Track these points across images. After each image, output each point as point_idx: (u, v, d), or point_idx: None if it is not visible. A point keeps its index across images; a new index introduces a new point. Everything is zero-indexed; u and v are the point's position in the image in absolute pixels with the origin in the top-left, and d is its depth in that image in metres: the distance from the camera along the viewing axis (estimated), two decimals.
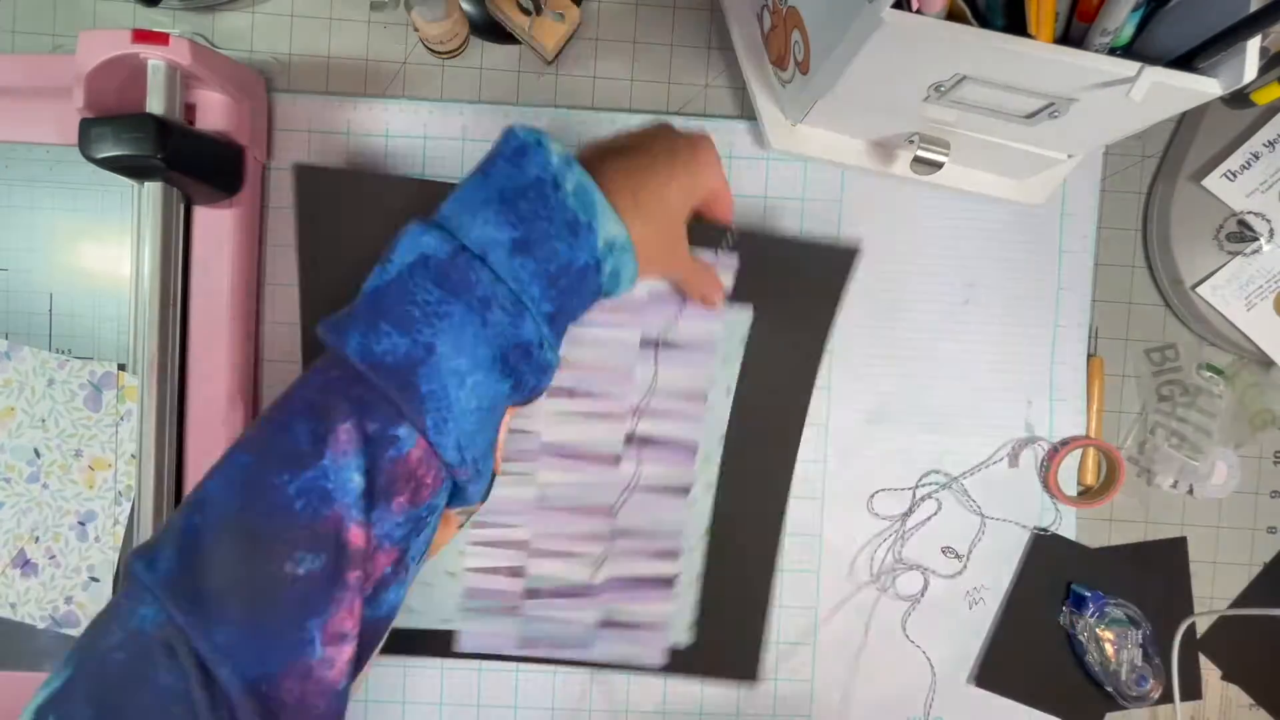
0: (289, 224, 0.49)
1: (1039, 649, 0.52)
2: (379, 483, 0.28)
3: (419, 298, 0.29)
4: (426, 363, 0.29)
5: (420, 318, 0.29)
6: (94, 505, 0.48)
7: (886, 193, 0.51)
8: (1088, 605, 0.50)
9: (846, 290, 0.46)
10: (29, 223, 0.49)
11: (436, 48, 0.47)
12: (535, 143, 0.31)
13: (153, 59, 0.40)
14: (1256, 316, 0.50)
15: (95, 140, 0.38)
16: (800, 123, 0.48)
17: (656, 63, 0.51)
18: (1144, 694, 0.50)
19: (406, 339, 0.29)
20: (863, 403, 0.51)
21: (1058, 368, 0.52)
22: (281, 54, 0.49)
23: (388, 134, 0.50)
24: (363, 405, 0.28)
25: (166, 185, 0.42)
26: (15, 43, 0.49)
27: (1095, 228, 0.52)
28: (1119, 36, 0.36)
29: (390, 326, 0.29)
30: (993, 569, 0.52)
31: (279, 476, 0.27)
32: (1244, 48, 0.33)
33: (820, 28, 0.38)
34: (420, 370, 0.28)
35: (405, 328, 0.29)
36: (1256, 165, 0.49)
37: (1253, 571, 0.53)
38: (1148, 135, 0.52)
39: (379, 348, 0.29)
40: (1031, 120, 0.40)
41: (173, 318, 0.43)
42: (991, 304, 0.52)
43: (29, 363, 0.48)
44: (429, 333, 0.29)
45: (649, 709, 0.50)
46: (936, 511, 0.52)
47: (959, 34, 0.33)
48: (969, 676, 0.52)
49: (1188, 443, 0.52)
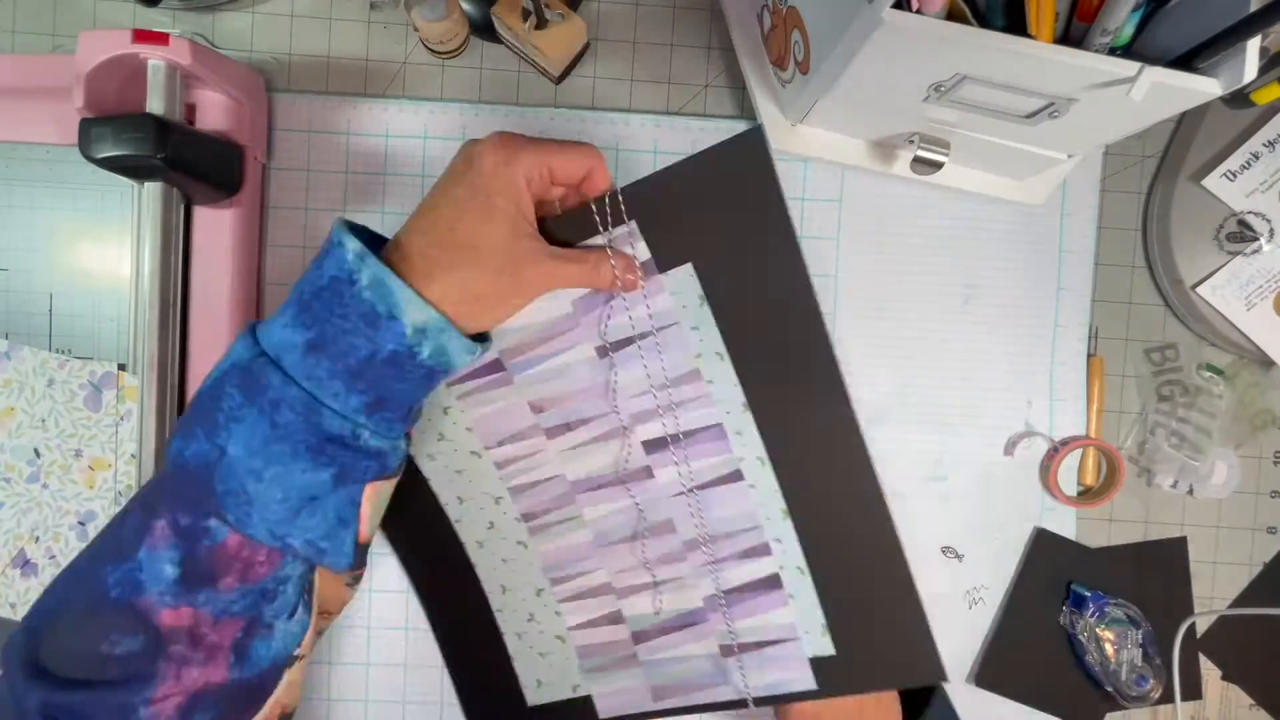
0: (289, 224, 0.49)
1: (1039, 649, 0.52)
2: (199, 569, 0.32)
3: (224, 403, 0.32)
4: (220, 464, 0.32)
5: (222, 422, 0.32)
6: (94, 505, 0.48)
7: (886, 193, 0.51)
8: (1088, 605, 0.50)
9: (776, 176, 0.36)
10: (29, 223, 0.49)
11: (436, 48, 0.47)
12: (337, 242, 0.32)
13: (153, 59, 0.40)
14: (1256, 316, 0.50)
15: (95, 140, 0.38)
16: (800, 123, 0.48)
17: (656, 63, 0.51)
18: (1144, 694, 0.50)
19: (207, 443, 0.32)
20: (863, 403, 0.51)
21: (1058, 368, 0.52)
22: (281, 54, 0.49)
23: (388, 134, 0.50)
24: (178, 500, 0.32)
25: (166, 185, 0.42)
26: (15, 43, 0.49)
27: (1095, 228, 0.52)
28: (1119, 36, 0.36)
29: (199, 429, 0.32)
30: (993, 569, 0.52)
31: (103, 568, 0.32)
32: (1244, 48, 0.33)
33: (820, 28, 0.38)
34: (215, 471, 0.32)
35: (209, 431, 0.32)
36: (1256, 165, 0.49)
37: (1253, 571, 0.53)
38: (1148, 135, 0.52)
39: (187, 451, 0.32)
40: (1031, 120, 0.40)
41: (173, 318, 0.43)
42: (991, 304, 0.52)
43: (29, 363, 0.48)
44: (224, 436, 0.32)
45: None
46: (936, 511, 0.52)
47: (959, 34, 0.33)
48: (969, 676, 0.52)
49: (1188, 443, 0.52)
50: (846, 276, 0.51)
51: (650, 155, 0.50)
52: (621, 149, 0.50)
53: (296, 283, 0.33)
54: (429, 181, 0.49)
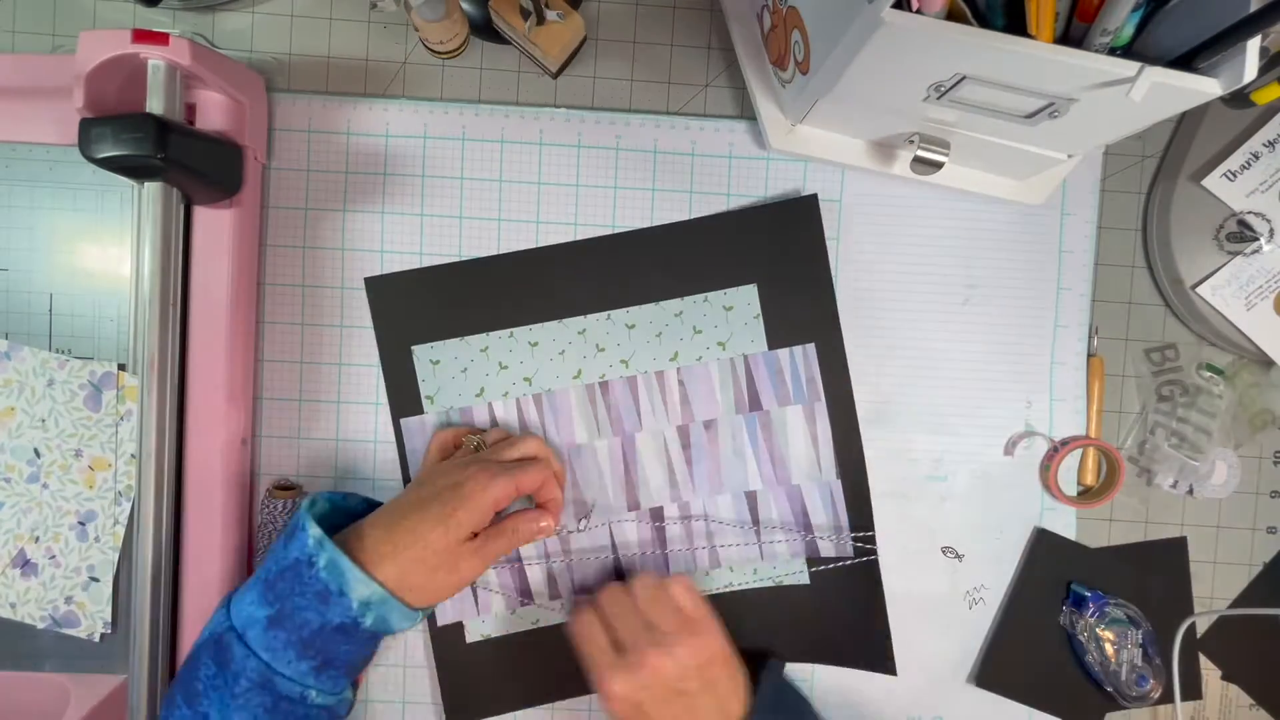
0: (289, 224, 0.49)
1: (1039, 649, 0.52)
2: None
3: (201, 672, 0.39)
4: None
5: (200, 690, 0.38)
6: (94, 505, 0.48)
7: (886, 193, 0.51)
8: (1088, 605, 0.50)
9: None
10: (29, 223, 0.49)
11: (436, 48, 0.47)
12: (301, 527, 0.39)
13: (153, 59, 0.40)
14: (1256, 316, 0.50)
15: (95, 140, 0.38)
16: (800, 123, 0.48)
17: (656, 63, 0.51)
18: (1144, 694, 0.50)
19: (189, 709, 0.39)
20: (863, 403, 0.51)
21: (1058, 368, 0.52)
22: (281, 54, 0.49)
23: (388, 134, 0.50)
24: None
25: (166, 185, 0.42)
26: (15, 43, 0.49)
27: (1095, 228, 0.52)
28: (1119, 36, 0.36)
29: (181, 698, 0.39)
30: (993, 569, 0.52)
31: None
32: (1244, 48, 0.33)
33: (820, 28, 0.38)
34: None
35: (189, 699, 0.39)
36: (1256, 165, 0.49)
37: (1253, 571, 0.53)
38: (1148, 135, 0.52)
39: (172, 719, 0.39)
40: (1031, 120, 0.40)
41: (173, 318, 0.43)
42: (991, 304, 0.52)
43: (29, 363, 0.48)
44: (205, 704, 0.38)
45: None
46: (936, 511, 0.52)
47: (959, 34, 0.33)
48: (969, 676, 0.52)
49: (1188, 443, 0.52)
50: (846, 276, 0.51)
51: (650, 155, 0.50)
52: (621, 149, 0.50)
53: (265, 559, 0.40)
54: (429, 181, 0.50)
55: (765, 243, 0.50)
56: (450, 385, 0.49)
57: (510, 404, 0.50)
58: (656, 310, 0.50)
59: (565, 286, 0.50)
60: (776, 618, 0.50)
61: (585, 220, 0.50)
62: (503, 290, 0.50)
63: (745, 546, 0.49)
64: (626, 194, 0.50)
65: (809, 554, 0.50)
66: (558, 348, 0.49)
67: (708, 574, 0.50)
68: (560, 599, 0.50)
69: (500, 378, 0.49)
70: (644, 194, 0.50)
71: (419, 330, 0.49)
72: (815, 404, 0.50)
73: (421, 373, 0.49)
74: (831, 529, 0.50)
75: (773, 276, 0.50)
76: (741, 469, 0.50)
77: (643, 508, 0.50)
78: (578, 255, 0.50)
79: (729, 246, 0.50)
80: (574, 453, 0.50)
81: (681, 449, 0.50)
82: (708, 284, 0.50)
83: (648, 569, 0.49)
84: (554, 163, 0.50)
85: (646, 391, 0.50)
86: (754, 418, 0.50)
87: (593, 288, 0.50)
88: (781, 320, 0.50)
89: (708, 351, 0.50)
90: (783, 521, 0.50)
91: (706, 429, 0.50)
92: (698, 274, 0.50)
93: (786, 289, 0.50)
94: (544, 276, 0.50)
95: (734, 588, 0.50)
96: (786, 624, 0.50)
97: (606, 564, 0.50)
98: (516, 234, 0.50)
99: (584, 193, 0.50)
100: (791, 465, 0.50)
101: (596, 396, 0.50)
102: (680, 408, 0.50)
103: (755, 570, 0.50)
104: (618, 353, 0.50)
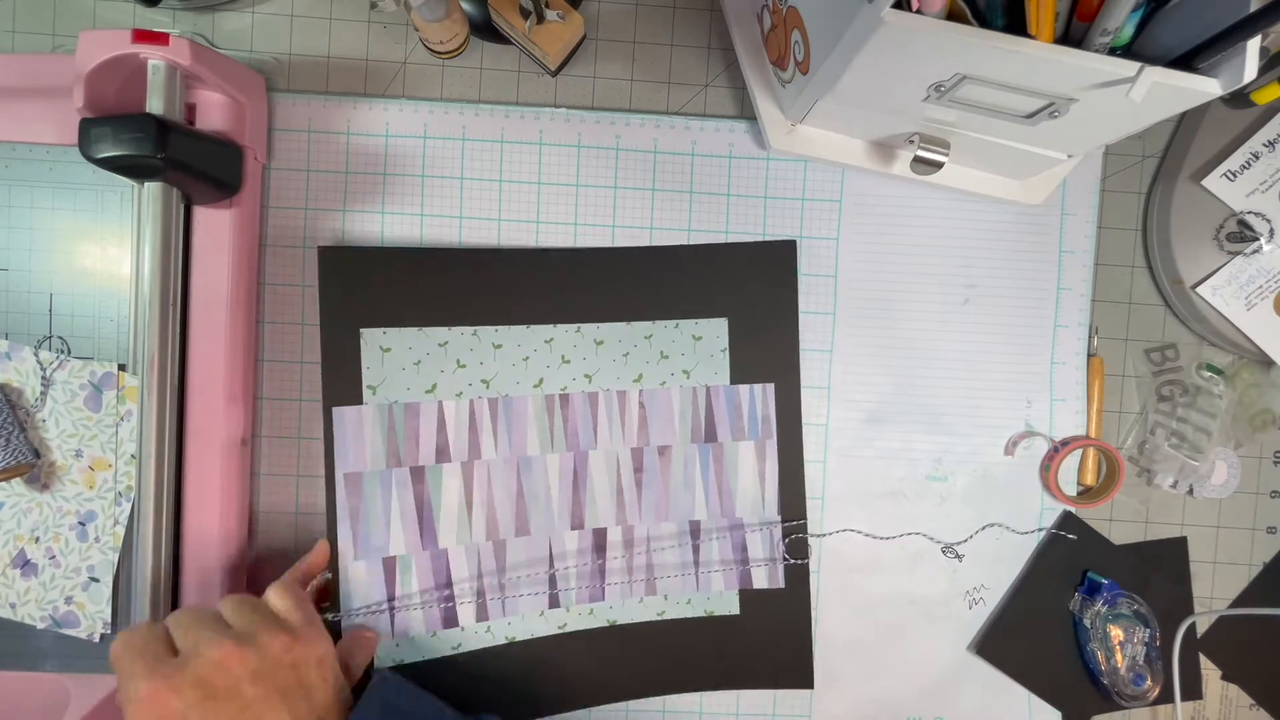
0: (289, 224, 0.49)
1: (1044, 630, 0.52)
2: None
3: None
4: None
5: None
6: (94, 505, 0.48)
7: (886, 193, 0.51)
8: (1101, 594, 0.50)
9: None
10: (29, 223, 0.49)
11: (436, 48, 0.47)
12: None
13: (153, 59, 0.40)
14: (1256, 316, 0.50)
15: (95, 140, 0.38)
16: (800, 123, 0.48)
17: (656, 63, 0.51)
18: (1140, 693, 0.50)
19: None
20: (862, 403, 0.51)
21: (1058, 368, 0.52)
22: (281, 54, 0.49)
23: (388, 134, 0.50)
24: None
25: (166, 185, 0.42)
26: (15, 43, 0.49)
27: (1095, 228, 0.52)
28: (1119, 36, 0.36)
29: None
30: (993, 569, 0.52)
31: None
32: (1244, 48, 0.33)
33: (820, 28, 0.38)
34: None
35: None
36: (1256, 165, 0.49)
37: (1253, 571, 0.53)
38: (1148, 135, 0.52)
39: None
40: (1031, 120, 0.40)
41: (173, 318, 0.43)
42: (991, 304, 0.52)
43: (29, 363, 0.48)
44: None
45: (653, 708, 0.51)
46: (936, 511, 0.52)
47: (959, 34, 0.33)
48: (970, 645, 0.52)
49: (1188, 443, 0.52)
50: (846, 276, 0.51)
51: (650, 155, 0.50)
52: (621, 149, 0.50)
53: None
54: (429, 182, 0.50)
55: (742, 279, 0.50)
56: (398, 377, 0.47)
57: (463, 405, 0.48)
58: (627, 330, 0.49)
59: (538, 292, 0.49)
60: (702, 645, 0.50)
61: (585, 220, 0.50)
62: (471, 285, 0.48)
63: (683, 577, 0.49)
64: (626, 194, 0.50)
65: (742, 585, 0.50)
66: (522, 354, 0.49)
67: (641, 601, 0.49)
68: (487, 621, 0.48)
69: (456, 376, 0.48)
70: (644, 194, 0.50)
71: (371, 313, 0.47)
72: (767, 441, 0.50)
73: (367, 359, 0.47)
74: (766, 560, 0.50)
75: (744, 313, 0.50)
76: (689, 498, 0.50)
77: (586, 527, 0.49)
78: (556, 262, 0.49)
79: (707, 278, 0.50)
80: (524, 464, 0.49)
81: (633, 472, 0.49)
82: (680, 311, 0.50)
83: (582, 587, 0.49)
84: (554, 163, 0.50)
85: (606, 409, 0.49)
86: (708, 449, 0.50)
87: (566, 298, 0.49)
88: (747, 357, 0.50)
89: (672, 378, 0.50)
90: (721, 554, 0.50)
91: (661, 454, 0.49)
92: (672, 300, 0.50)
93: (755, 327, 0.50)
94: (518, 279, 0.49)
95: (666, 616, 0.50)
96: (712, 653, 0.50)
97: (540, 579, 0.49)
98: (516, 234, 0.50)
99: (584, 193, 0.50)
100: (737, 499, 0.50)
101: (555, 408, 0.49)
102: (637, 430, 0.49)
103: (690, 600, 0.50)
104: (582, 366, 0.49)
